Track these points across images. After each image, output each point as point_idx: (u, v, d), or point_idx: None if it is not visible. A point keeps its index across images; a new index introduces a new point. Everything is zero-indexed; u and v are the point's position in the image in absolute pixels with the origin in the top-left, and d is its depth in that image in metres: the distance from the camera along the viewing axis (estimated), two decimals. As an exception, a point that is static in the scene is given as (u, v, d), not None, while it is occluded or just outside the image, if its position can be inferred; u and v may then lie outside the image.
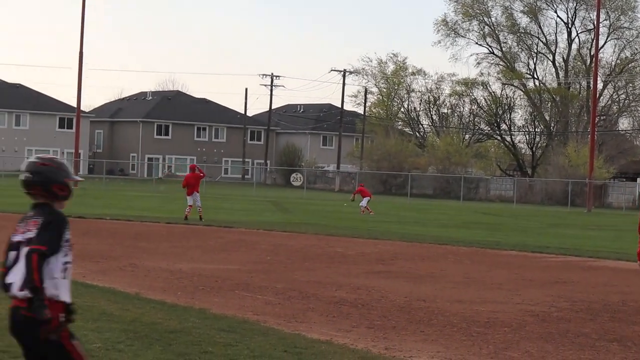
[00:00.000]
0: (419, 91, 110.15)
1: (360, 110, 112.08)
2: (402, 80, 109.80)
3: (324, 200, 66.83)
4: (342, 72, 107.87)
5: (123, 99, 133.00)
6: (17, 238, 6.63)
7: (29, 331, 6.40)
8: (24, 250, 6.42)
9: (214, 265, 19.76)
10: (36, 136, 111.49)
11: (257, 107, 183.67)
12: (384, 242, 28.47)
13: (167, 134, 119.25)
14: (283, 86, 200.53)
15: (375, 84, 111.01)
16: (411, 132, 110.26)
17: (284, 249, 24.74)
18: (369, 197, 50.05)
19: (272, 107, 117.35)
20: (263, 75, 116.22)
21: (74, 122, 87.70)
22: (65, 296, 6.51)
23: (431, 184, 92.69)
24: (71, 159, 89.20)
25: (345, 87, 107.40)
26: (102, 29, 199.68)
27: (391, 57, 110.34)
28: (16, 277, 6.42)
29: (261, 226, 33.34)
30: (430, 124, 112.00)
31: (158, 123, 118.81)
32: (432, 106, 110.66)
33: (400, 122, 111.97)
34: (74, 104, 79.41)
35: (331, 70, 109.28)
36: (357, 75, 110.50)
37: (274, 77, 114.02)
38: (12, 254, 6.56)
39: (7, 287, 6.49)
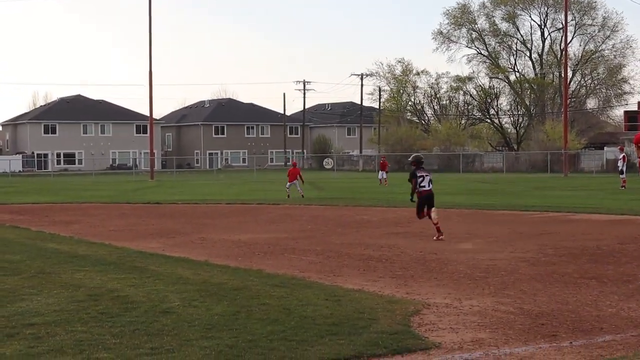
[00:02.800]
0: (422, 88, 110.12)
1: (376, 105, 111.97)
2: (408, 80, 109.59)
3: (351, 179, 66.82)
4: (360, 76, 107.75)
5: (186, 107, 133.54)
6: None
7: None
8: None
9: (266, 235, 19.78)
10: (118, 141, 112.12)
11: (293, 107, 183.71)
12: (401, 209, 28.40)
13: (223, 133, 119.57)
14: (313, 89, 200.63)
15: (387, 84, 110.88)
16: (418, 121, 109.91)
17: (321, 219, 24.75)
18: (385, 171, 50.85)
19: (306, 107, 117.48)
20: (297, 81, 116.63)
21: (148, 128, 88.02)
22: None
23: (436, 161, 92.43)
24: (148, 157, 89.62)
25: (363, 87, 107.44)
26: (167, 49, 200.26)
27: (399, 62, 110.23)
28: None
29: (302, 202, 33.37)
30: (432, 113, 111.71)
31: (215, 125, 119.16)
32: (433, 99, 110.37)
33: (408, 113, 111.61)
34: (147, 114, 79.70)
35: (351, 74, 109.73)
36: (372, 77, 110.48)
37: (306, 83, 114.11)
38: None
39: None
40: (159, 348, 7.88)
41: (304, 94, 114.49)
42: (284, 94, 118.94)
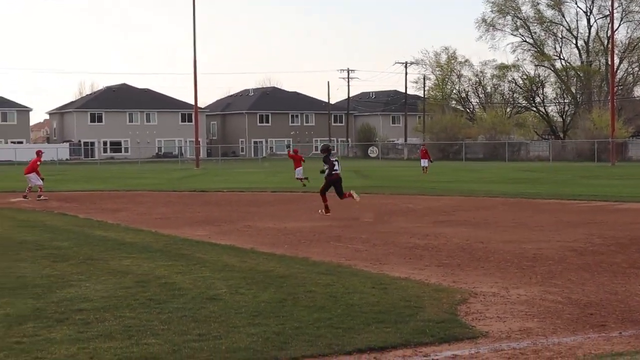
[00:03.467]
0: (466, 76, 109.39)
1: (420, 93, 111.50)
2: (453, 68, 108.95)
3: (395, 167, 66.61)
4: (405, 64, 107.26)
5: (231, 95, 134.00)
6: None
7: None
8: None
9: (311, 223, 19.80)
10: (164, 130, 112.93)
11: (337, 96, 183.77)
12: (445, 197, 28.30)
13: (267, 121, 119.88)
14: (358, 78, 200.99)
15: (432, 72, 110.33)
16: (463, 109, 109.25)
17: (366, 207, 24.69)
18: (427, 159, 50.86)
19: (350, 95, 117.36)
20: (341, 70, 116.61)
21: (193, 116, 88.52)
22: None
23: (481, 149, 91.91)
24: (193, 145, 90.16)
25: (407, 75, 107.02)
26: (212, 38, 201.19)
27: (444, 49, 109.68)
28: None
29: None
30: (477, 101, 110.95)
31: (260, 113, 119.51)
32: (478, 87, 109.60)
33: (453, 101, 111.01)
34: (192, 102, 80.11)
35: (395, 62, 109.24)
36: (416, 65, 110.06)
37: (350, 71, 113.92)
38: None
39: None
40: (206, 334, 7.92)
41: (348, 82, 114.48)
42: (328, 82, 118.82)
